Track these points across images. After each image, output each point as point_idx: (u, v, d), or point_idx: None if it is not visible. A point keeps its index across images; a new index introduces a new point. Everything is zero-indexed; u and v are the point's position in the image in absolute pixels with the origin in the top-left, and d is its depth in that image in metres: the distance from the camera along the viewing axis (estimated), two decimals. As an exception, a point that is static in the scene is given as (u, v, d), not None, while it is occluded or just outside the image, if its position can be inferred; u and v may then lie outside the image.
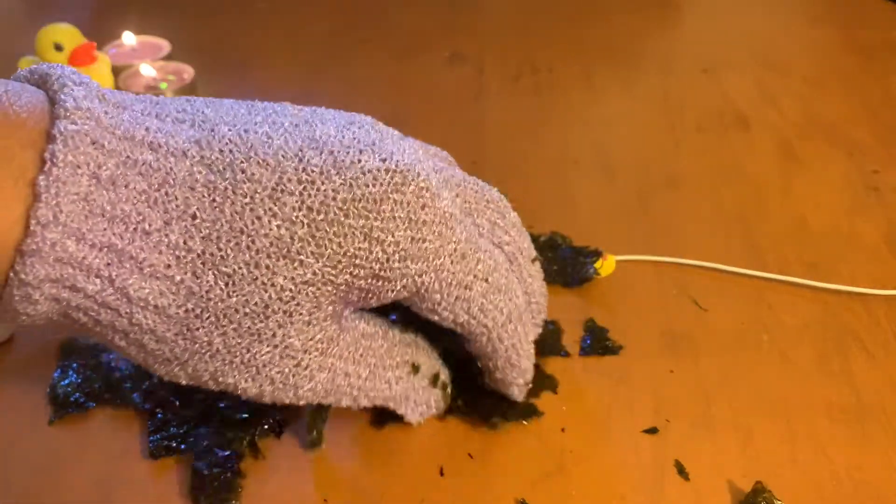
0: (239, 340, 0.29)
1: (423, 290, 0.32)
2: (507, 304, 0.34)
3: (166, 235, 0.27)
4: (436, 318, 0.33)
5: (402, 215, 0.30)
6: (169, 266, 0.27)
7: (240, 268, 0.28)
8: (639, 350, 0.42)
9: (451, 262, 0.32)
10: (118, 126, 0.27)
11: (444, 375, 0.38)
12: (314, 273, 0.29)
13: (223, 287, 0.28)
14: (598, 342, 0.42)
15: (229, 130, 0.29)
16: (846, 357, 0.42)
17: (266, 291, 0.28)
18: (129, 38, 0.69)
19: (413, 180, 0.31)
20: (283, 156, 0.29)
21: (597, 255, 0.48)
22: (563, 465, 0.37)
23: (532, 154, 0.59)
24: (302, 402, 0.33)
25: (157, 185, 0.27)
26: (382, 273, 0.30)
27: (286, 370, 0.31)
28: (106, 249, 0.27)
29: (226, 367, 0.30)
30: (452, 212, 0.32)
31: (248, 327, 0.29)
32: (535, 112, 0.64)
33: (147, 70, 0.64)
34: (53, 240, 0.25)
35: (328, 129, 0.32)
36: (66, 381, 0.39)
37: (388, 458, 0.37)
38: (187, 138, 0.28)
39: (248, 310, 0.29)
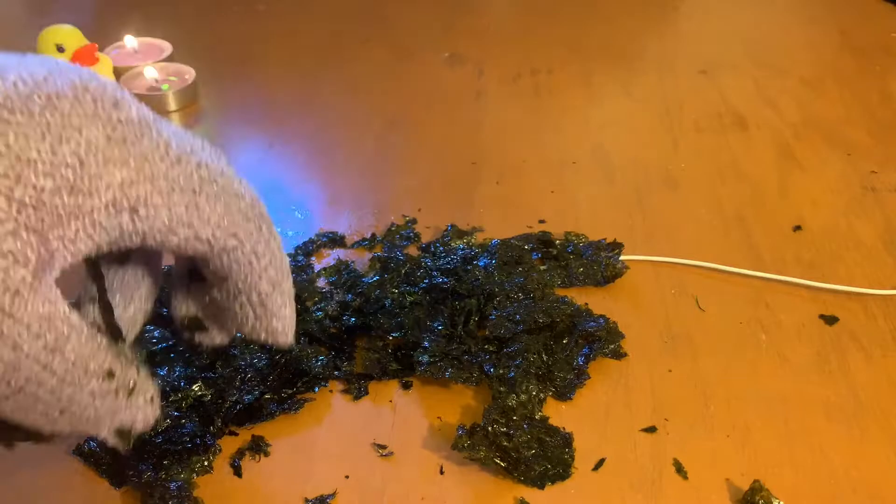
0: None
1: (141, 208, 0.27)
2: (250, 210, 0.30)
3: None
4: (174, 240, 0.28)
5: (88, 111, 0.26)
6: None
7: None
8: (637, 349, 0.42)
9: (167, 167, 0.27)
10: None
11: (151, 389, 0.31)
12: None
13: None
14: (601, 345, 0.42)
15: None
16: (844, 356, 0.42)
17: None
18: (130, 41, 0.69)
19: (95, 79, 0.26)
20: None
21: (617, 247, 0.48)
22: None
23: (531, 154, 0.59)
24: None
25: None
26: (80, 184, 0.25)
27: None
28: None
29: None
30: (152, 117, 0.28)
31: None
32: (534, 112, 0.64)
33: (150, 72, 0.65)
34: None
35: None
36: None
37: (390, 457, 0.37)
38: None
39: None
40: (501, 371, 0.39)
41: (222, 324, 0.34)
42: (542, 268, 0.47)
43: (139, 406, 0.31)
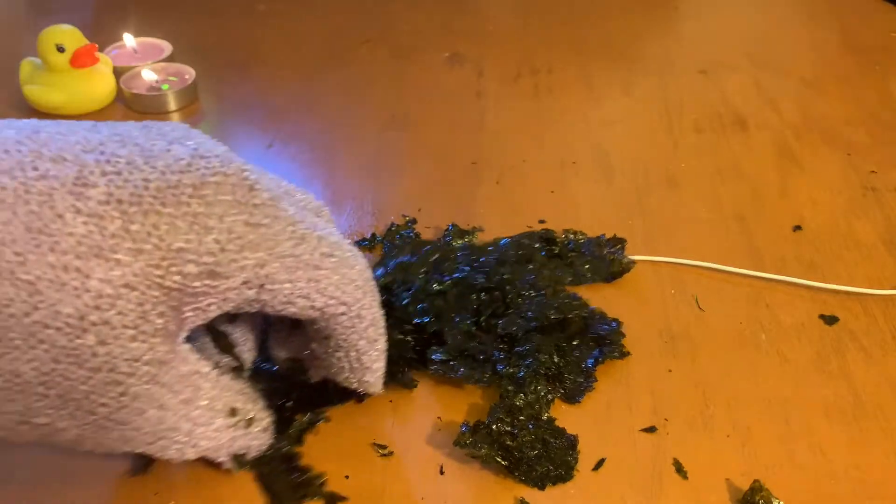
0: (53, 366, 0.25)
1: (268, 284, 0.29)
2: (359, 277, 0.32)
3: None
4: (291, 309, 0.31)
5: (228, 199, 0.27)
6: None
7: (44, 273, 0.24)
8: (637, 349, 0.42)
9: (293, 245, 0.29)
10: None
11: (266, 419, 0.35)
12: (135, 274, 0.25)
13: (26, 297, 0.24)
14: (611, 349, 0.42)
15: (15, 133, 0.26)
16: (844, 356, 0.42)
17: (79, 298, 0.24)
18: (129, 40, 0.69)
19: (232, 162, 0.28)
20: (82, 149, 0.26)
21: (619, 242, 0.48)
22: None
23: (531, 154, 0.59)
24: (126, 448, 0.29)
25: None
26: (219, 268, 0.27)
27: (110, 401, 0.26)
28: None
29: (38, 402, 0.26)
30: (279, 193, 0.30)
31: (63, 346, 0.25)
32: (534, 112, 0.64)
33: (148, 74, 0.65)
34: None
35: (130, 129, 0.29)
36: None
37: (389, 457, 0.37)
38: None
39: (59, 323, 0.24)
40: (511, 370, 0.39)
41: (317, 368, 0.37)
42: (550, 265, 0.47)
43: (255, 435, 0.34)
